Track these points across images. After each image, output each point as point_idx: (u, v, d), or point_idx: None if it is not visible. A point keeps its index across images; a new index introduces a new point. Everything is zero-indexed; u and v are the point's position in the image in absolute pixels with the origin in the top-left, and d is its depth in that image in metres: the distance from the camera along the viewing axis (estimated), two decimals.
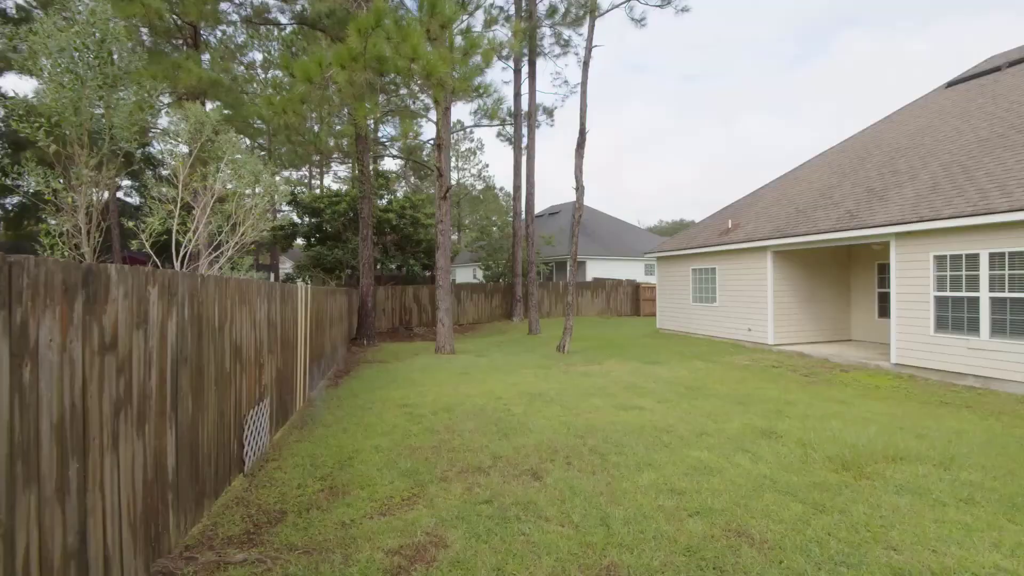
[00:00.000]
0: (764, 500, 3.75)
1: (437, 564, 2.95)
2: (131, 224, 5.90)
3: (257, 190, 7.36)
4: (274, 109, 7.96)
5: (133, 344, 2.58)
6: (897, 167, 11.17)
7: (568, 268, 13.01)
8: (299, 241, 24.47)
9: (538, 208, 43.35)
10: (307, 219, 22.09)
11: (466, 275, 37.03)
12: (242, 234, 6.14)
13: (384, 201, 23.23)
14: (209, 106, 15.01)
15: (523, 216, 20.76)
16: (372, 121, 24.06)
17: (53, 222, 5.48)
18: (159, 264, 5.33)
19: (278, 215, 22.76)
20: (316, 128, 21.09)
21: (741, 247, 12.72)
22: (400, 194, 28.48)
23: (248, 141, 23.21)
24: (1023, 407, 6.69)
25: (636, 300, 24.80)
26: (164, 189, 6.05)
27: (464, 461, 4.63)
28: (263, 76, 24.50)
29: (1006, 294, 7.58)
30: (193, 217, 5.66)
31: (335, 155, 29.11)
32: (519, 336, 16.84)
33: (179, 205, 5.49)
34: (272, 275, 33.41)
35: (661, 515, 3.53)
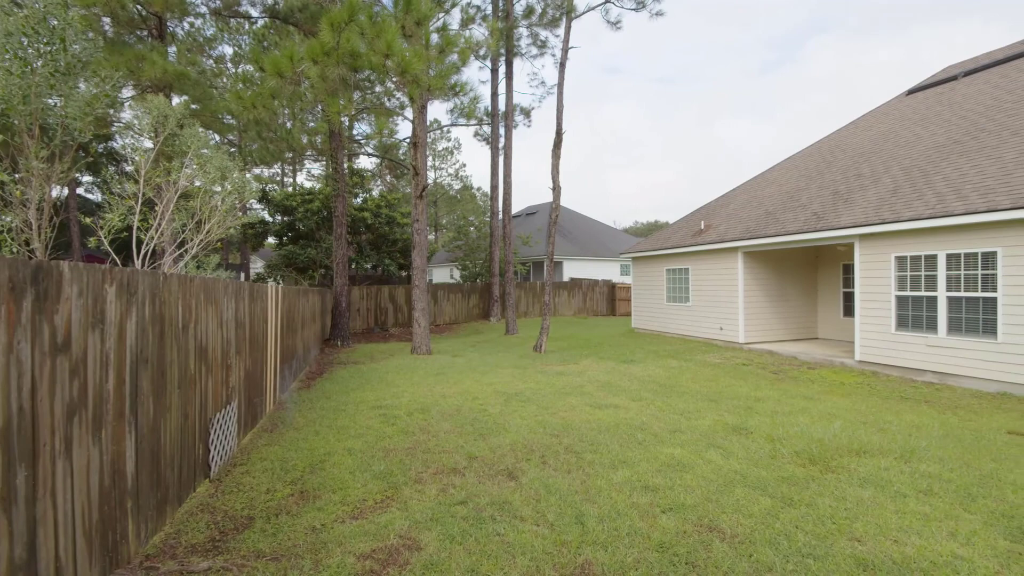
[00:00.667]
0: (735, 495, 3.82)
1: (410, 567, 2.91)
2: (88, 220, 5.62)
3: (227, 187, 7.14)
4: (243, 104, 7.73)
5: (88, 345, 2.46)
6: (861, 171, 11.56)
7: (545, 268, 13.05)
8: (270, 240, 23.92)
9: (515, 208, 43.45)
10: (279, 217, 21.60)
11: (443, 275, 36.81)
12: (207, 231, 5.93)
13: (359, 200, 22.91)
14: (176, 100, 14.54)
15: (500, 216, 20.74)
16: (347, 118, 23.68)
17: (6, 218, 5.19)
18: (118, 262, 5.10)
19: (247, 212, 22.15)
20: (288, 125, 20.66)
21: (713, 248, 12.98)
22: (376, 193, 28.12)
23: (217, 137, 22.58)
24: (977, 401, 7.00)
25: (612, 300, 25.06)
26: (126, 185, 5.80)
27: (439, 462, 4.59)
28: (233, 71, 23.87)
29: (962, 293, 7.93)
30: (156, 214, 5.43)
31: (308, 152, 28.56)
32: (496, 336, 16.81)
33: (140, 201, 5.26)
34: (242, 274, 32.57)
35: (635, 512, 3.56)
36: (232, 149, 23.34)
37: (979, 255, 7.72)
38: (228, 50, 24.28)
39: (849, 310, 12.23)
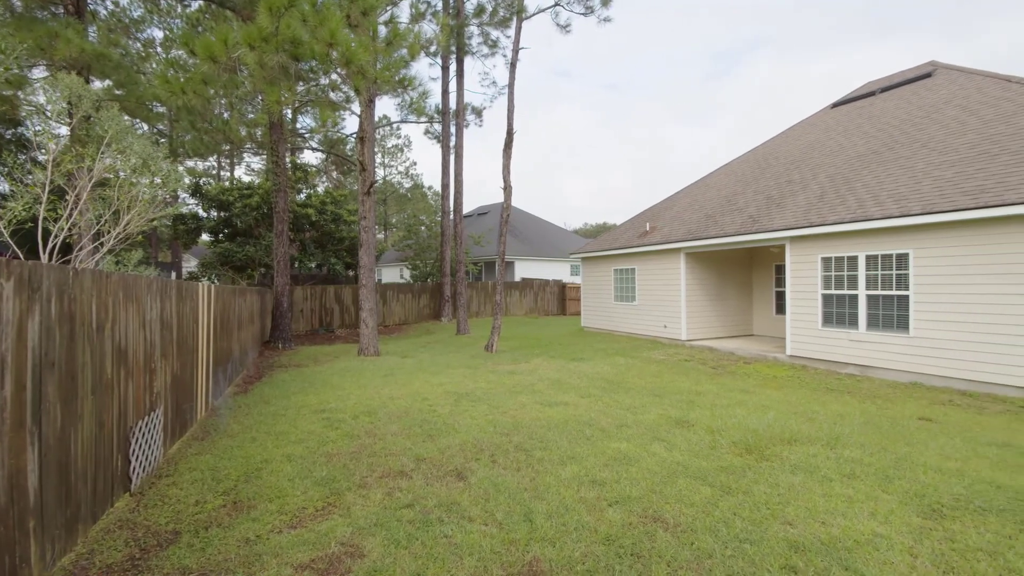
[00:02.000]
0: (677, 486, 3.94)
1: (352, 575, 2.79)
2: None
3: (156, 180, 6.61)
4: (171, 89, 7.18)
5: None
6: (792, 177, 12.31)
7: (496, 268, 13.02)
8: (205, 237, 22.54)
9: (467, 208, 43.16)
10: (214, 213, 20.39)
11: (393, 275, 36.04)
12: (126, 224, 5.44)
13: (303, 196, 22.02)
14: (98, 85, 13.41)
15: (452, 215, 20.53)
16: (290, 111, 22.70)
17: None
18: (20, 256, 4.58)
19: (175, 203, 20.73)
20: (226, 115, 19.52)
21: (658, 248, 13.42)
22: (321, 189, 27.11)
23: (145, 126, 21.02)
24: (893, 391, 7.61)
25: (562, 299, 25.41)
26: (35, 173, 5.22)
27: (385, 465, 4.45)
28: (164, 55, 22.28)
29: (879, 292, 8.59)
30: (67, 204, 4.93)
31: (248, 145, 27.12)
32: (447, 336, 16.62)
33: (48, 189, 4.74)
34: (173, 273, 30.54)
35: (583, 507, 3.58)
36: (162, 140, 21.80)
37: (894, 256, 8.39)
38: (158, 34, 22.65)
39: (781, 308, 12.99)
